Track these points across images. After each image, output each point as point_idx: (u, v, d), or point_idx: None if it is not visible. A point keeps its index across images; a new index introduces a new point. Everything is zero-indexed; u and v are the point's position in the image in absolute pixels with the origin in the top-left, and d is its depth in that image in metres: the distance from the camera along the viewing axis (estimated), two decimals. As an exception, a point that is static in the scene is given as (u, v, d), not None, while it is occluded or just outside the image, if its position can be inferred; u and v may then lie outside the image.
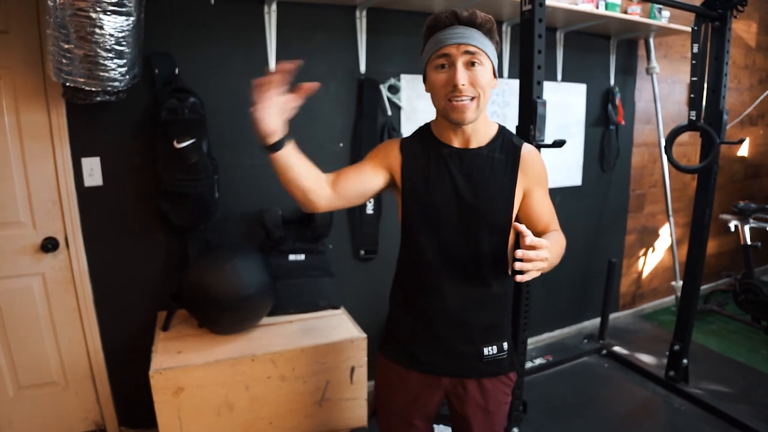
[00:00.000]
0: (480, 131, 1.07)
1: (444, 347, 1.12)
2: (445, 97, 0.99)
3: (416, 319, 1.13)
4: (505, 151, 1.07)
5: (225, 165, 1.84)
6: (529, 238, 0.85)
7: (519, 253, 0.84)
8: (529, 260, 0.84)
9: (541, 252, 0.85)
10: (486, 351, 1.12)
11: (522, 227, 0.87)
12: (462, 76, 0.96)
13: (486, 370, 1.13)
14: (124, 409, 1.93)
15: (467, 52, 0.97)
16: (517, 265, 0.84)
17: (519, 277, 0.86)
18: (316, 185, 1.02)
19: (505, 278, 1.14)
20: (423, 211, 1.08)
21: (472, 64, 0.98)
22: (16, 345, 1.75)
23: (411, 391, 1.16)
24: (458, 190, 1.05)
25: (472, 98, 0.99)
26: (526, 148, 1.09)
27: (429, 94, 1.07)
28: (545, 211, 1.11)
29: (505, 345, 1.14)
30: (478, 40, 0.98)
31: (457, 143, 1.08)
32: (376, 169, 1.10)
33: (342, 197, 1.07)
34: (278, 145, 0.95)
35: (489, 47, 1.00)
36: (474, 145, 1.07)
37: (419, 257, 1.10)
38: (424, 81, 1.08)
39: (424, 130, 1.14)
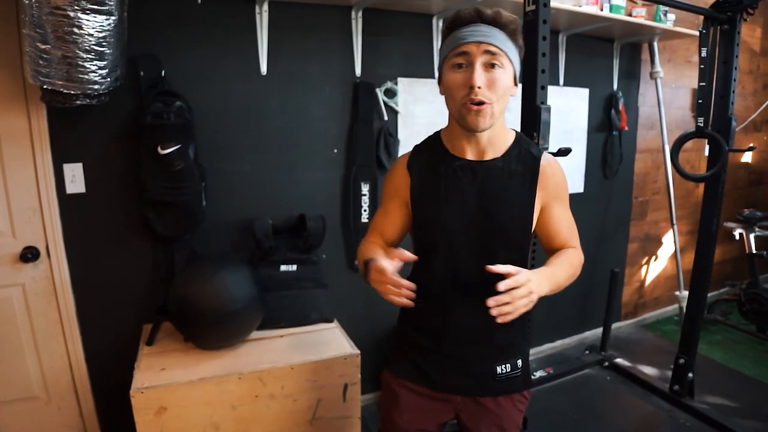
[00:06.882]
0: (496, 141, 1.00)
1: (456, 366, 1.07)
2: (461, 101, 0.92)
3: (428, 337, 1.08)
4: (522, 162, 1.00)
5: (213, 171, 1.77)
6: (503, 284, 0.82)
7: (491, 302, 0.82)
8: (506, 303, 0.82)
9: (519, 290, 0.83)
10: (499, 369, 1.06)
11: (500, 268, 0.84)
12: (479, 77, 0.89)
13: (499, 388, 1.08)
14: (109, 424, 1.85)
15: (488, 52, 0.90)
16: (493, 311, 0.82)
17: (500, 319, 0.83)
18: None
19: None
20: (436, 231, 1.02)
21: (492, 65, 0.91)
22: (-5, 358, 1.67)
23: (420, 408, 1.11)
24: (472, 207, 0.99)
25: (488, 104, 0.91)
26: (546, 159, 1.02)
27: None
28: (564, 226, 1.05)
29: (519, 362, 1.09)
30: (501, 41, 0.91)
31: (470, 154, 1.01)
32: (399, 206, 1.09)
33: (395, 245, 1.12)
34: None
35: (512, 50, 0.93)
36: (489, 156, 1.00)
37: (432, 277, 1.04)
38: (439, 82, 1.00)
39: (434, 141, 1.07)
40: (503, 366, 1.06)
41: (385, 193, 1.12)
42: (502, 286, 0.82)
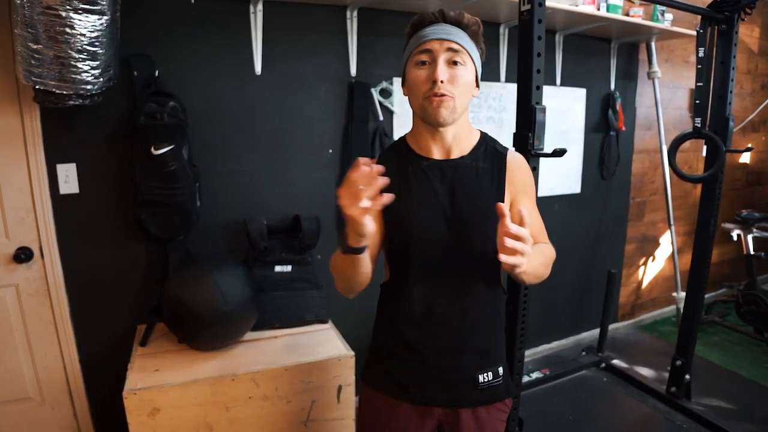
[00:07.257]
0: (462, 139, 1.01)
1: (436, 376, 1.04)
2: (424, 95, 0.93)
3: (405, 346, 1.05)
4: (489, 159, 1.01)
5: (208, 172, 1.76)
6: (508, 219, 0.77)
7: (505, 238, 0.75)
8: (512, 245, 0.76)
9: (520, 244, 0.77)
10: (481, 378, 1.04)
11: (503, 207, 0.78)
12: (442, 71, 0.91)
13: (481, 398, 1.05)
14: (103, 424, 1.84)
15: (450, 50, 0.92)
16: (508, 243, 0.74)
17: (503, 257, 0.76)
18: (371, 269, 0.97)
19: (499, 297, 1.07)
20: (411, 231, 1.00)
21: (455, 63, 0.93)
22: (-12, 359, 1.66)
23: (401, 422, 1.07)
24: (444, 206, 0.98)
25: (450, 97, 0.92)
26: (512, 155, 1.03)
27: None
28: (532, 222, 1.02)
29: (500, 370, 1.07)
30: (463, 39, 0.93)
31: (437, 153, 1.01)
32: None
33: (374, 258, 1.02)
34: (365, 247, 0.87)
35: (473, 50, 0.95)
36: (456, 154, 1.00)
37: (407, 283, 1.02)
38: (403, 83, 1.01)
39: (400, 144, 1.07)
40: (485, 374, 1.03)
41: None
42: (507, 222, 0.76)
